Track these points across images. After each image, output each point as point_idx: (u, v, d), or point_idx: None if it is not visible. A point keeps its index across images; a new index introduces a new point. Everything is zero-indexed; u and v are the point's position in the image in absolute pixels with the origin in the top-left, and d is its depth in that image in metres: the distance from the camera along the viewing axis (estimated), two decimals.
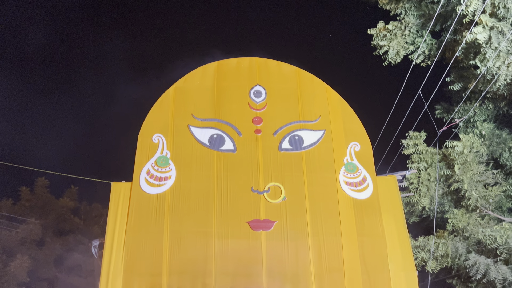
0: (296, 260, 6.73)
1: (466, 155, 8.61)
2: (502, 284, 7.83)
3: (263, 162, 7.36)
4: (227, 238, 6.80)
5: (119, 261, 6.45)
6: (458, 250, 8.37)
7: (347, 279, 6.61)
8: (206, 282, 6.47)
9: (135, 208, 6.81)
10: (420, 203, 9.19)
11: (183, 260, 6.56)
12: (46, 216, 16.65)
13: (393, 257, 6.77)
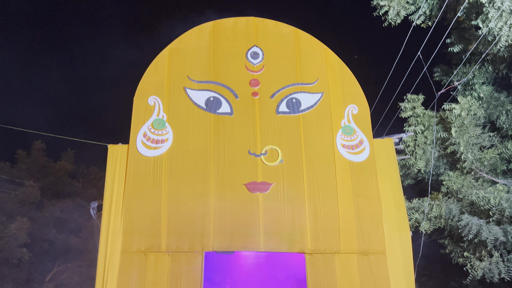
0: (292, 221, 6.84)
1: (464, 118, 8.60)
2: (493, 244, 8.03)
3: (260, 125, 7.33)
4: (224, 200, 6.87)
5: (118, 223, 6.54)
6: (451, 212, 8.52)
7: (342, 239, 6.75)
8: (205, 242, 6.59)
9: (132, 171, 6.83)
10: (416, 165, 9.28)
11: (181, 221, 6.65)
12: (44, 179, 16.75)
13: (388, 218, 6.89)
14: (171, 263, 6.41)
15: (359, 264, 6.60)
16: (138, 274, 6.28)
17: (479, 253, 8.68)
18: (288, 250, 6.79)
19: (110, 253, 6.32)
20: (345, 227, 6.82)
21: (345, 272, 6.54)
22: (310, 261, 6.63)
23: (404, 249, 6.71)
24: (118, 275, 6.24)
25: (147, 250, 6.44)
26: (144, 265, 6.34)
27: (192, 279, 6.37)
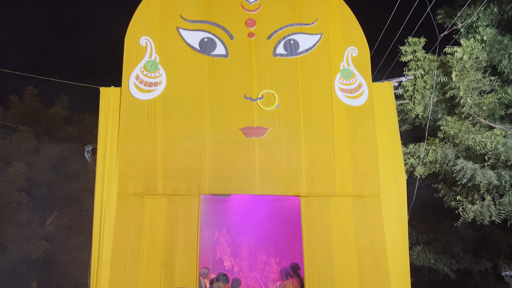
0: (288, 165, 6.84)
1: (465, 61, 8.39)
2: (486, 188, 8.14)
3: (257, 68, 7.12)
4: (220, 144, 6.82)
5: (113, 166, 6.51)
6: (447, 156, 8.55)
7: (337, 182, 6.79)
8: (201, 185, 6.62)
9: (126, 114, 6.70)
10: (414, 110, 9.18)
11: (177, 165, 6.63)
12: (38, 124, 16.57)
13: (384, 162, 6.90)
14: (168, 205, 6.47)
15: (354, 206, 6.69)
16: (135, 216, 6.35)
17: (471, 197, 8.83)
18: (283, 193, 6.85)
19: (107, 196, 6.35)
20: (341, 171, 6.84)
21: (340, 214, 6.65)
22: (305, 203, 6.71)
23: (398, 192, 6.78)
24: (116, 217, 6.31)
25: (143, 193, 6.47)
26: (141, 207, 6.40)
27: (189, 221, 6.46)
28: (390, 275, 6.36)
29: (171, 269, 6.19)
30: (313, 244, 6.50)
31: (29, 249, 13.69)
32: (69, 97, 18.35)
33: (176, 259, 6.26)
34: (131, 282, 6.02)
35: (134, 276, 6.05)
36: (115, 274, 6.04)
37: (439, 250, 12.81)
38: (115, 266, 6.10)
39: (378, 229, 6.58)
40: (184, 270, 6.24)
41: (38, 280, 16.59)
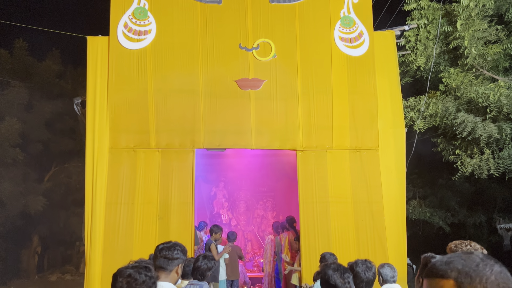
0: (285, 118, 6.65)
1: (471, 9, 7.98)
2: (486, 141, 8.00)
3: (252, 15, 6.74)
4: (214, 97, 6.59)
5: (104, 119, 6.30)
6: (447, 110, 8.35)
7: (335, 136, 6.63)
8: (195, 140, 6.45)
9: (115, 64, 6.40)
10: (416, 62, 8.86)
11: (170, 118, 6.43)
12: (30, 79, 16.15)
13: (383, 115, 6.70)
14: (162, 159, 6.33)
15: (351, 160, 6.56)
16: (128, 170, 6.22)
17: (470, 151, 8.72)
18: (279, 147, 6.70)
19: (98, 150, 6.19)
20: (339, 124, 6.66)
21: (336, 168, 6.53)
22: (302, 157, 6.58)
23: (397, 145, 6.64)
24: (108, 171, 6.19)
25: (136, 147, 6.31)
26: (133, 161, 6.26)
27: (183, 175, 6.34)
28: (386, 228, 6.34)
29: (167, 223, 6.14)
30: (309, 198, 6.43)
31: (27, 205, 13.74)
32: (60, 51, 17.82)
33: (171, 213, 6.20)
34: (125, 235, 5.98)
35: (128, 230, 6.01)
36: (109, 228, 5.99)
37: (435, 204, 12.90)
38: (109, 220, 6.04)
39: (375, 182, 6.49)
40: (180, 224, 6.19)
41: (39, 234, 16.84)
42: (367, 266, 2.86)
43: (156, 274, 1.96)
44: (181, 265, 2.74)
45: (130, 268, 1.89)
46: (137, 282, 1.82)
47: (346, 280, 2.21)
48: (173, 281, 2.72)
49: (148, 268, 1.94)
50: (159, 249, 2.69)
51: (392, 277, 4.06)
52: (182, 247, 2.74)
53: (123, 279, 1.83)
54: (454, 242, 2.92)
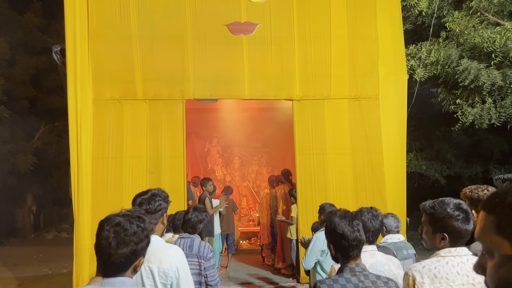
0: (280, 66, 6.24)
1: None
2: (489, 89, 7.69)
3: None
4: (204, 43, 6.13)
5: (86, 68, 5.86)
6: (450, 57, 7.95)
7: (333, 84, 6.26)
8: (184, 90, 6.06)
9: (95, 9, 5.88)
10: (418, 6, 8.34)
11: (157, 67, 6.01)
12: (11, 34, 15.34)
13: (384, 61, 6.31)
14: (150, 111, 5.96)
15: (350, 109, 6.24)
16: (114, 122, 5.87)
17: (472, 100, 8.42)
18: (275, 97, 6.34)
19: (81, 101, 5.79)
20: (337, 71, 6.27)
21: (335, 118, 6.22)
22: (298, 107, 6.24)
23: (398, 93, 6.29)
24: (93, 124, 5.83)
25: (121, 98, 5.92)
26: (120, 113, 5.89)
27: (173, 127, 6.01)
28: (385, 179, 6.13)
29: (157, 177, 5.87)
30: (305, 149, 6.15)
31: (16, 163, 13.43)
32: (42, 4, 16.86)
33: (162, 167, 5.92)
34: (114, 191, 5.71)
35: (117, 185, 5.74)
36: (97, 183, 5.72)
37: (431, 157, 12.77)
38: (96, 175, 5.75)
39: (375, 132, 6.21)
40: (171, 178, 5.93)
41: (32, 194, 16.67)
42: (373, 214, 2.60)
43: (151, 227, 1.66)
44: (165, 214, 2.46)
45: (120, 216, 1.58)
46: (127, 232, 1.52)
47: (356, 228, 1.94)
48: (160, 232, 2.46)
49: (142, 218, 1.63)
50: (138, 203, 2.38)
51: (396, 227, 3.86)
52: (162, 194, 2.44)
53: (110, 227, 1.53)
54: (469, 187, 2.66)
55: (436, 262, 1.93)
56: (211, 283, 3.50)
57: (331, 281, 1.89)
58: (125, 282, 1.55)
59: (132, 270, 1.60)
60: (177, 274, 2.25)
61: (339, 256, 1.98)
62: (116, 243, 1.52)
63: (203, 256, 3.47)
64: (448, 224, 1.92)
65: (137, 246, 1.56)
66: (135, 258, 1.57)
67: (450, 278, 1.88)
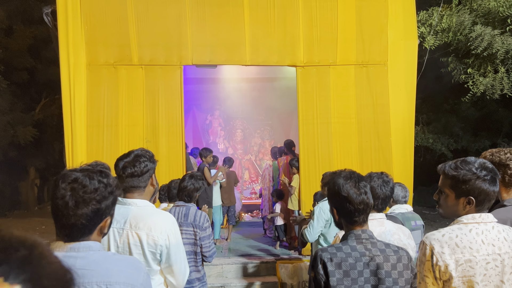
0: (283, 30, 5.91)
1: None
2: (503, 57, 7.32)
3: None
4: (202, 5, 5.80)
5: (79, 31, 5.56)
6: (463, 23, 7.54)
7: (339, 49, 5.93)
8: (182, 55, 5.76)
9: None
10: None
11: (153, 30, 5.70)
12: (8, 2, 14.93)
13: (394, 25, 5.95)
14: (146, 77, 5.69)
15: (356, 76, 5.93)
16: (109, 89, 5.61)
17: (483, 69, 8.05)
18: (277, 63, 6.03)
19: (74, 67, 5.52)
20: (344, 36, 5.93)
21: (340, 85, 5.92)
22: (302, 74, 5.93)
23: (408, 60, 5.95)
24: (87, 91, 5.58)
25: (116, 63, 5.64)
26: (115, 79, 5.62)
27: (171, 94, 5.74)
28: (392, 150, 5.88)
29: (155, 146, 5.65)
30: (309, 118, 5.89)
31: (16, 135, 13.27)
32: None
33: (159, 136, 5.69)
34: (110, 160, 5.43)
35: (113, 154, 5.49)
36: (92, 152, 5.51)
37: (439, 130, 12.46)
38: (91, 144, 5.55)
39: (383, 101, 5.92)
40: (170, 147, 5.71)
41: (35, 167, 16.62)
42: (384, 180, 2.36)
43: (116, 182, 1.41)
44: (154, 175, 2.23)
45: (78, 171, 1.35)
46: (86, 190, 1.30)
47: (363, 190, 1.70)
48: (149, 195, 2.23)
49: (105, 173, 1.38)
50: (121, 168, 2.14)
51: (404, 197, 3.63)
52: (147, 153, 2.20)
53: (66, 185, 1.29)
54: (490, 151, 2.41)
55: (458, 230, 1.69)
56: (206, 254, 3.32)
57: (334, 249, 1.66)
58: (91, 247, 1.33)
59: (99, 233, 1.38)
60: (167, 242, 2.04)
61: (344, 222, 1.75)
62: (74, 203, 1.29)
63: (199, 226, 3.27)
64: (475, 186, 1.67)
65: (100, 205, 1.33)
66: (99, 219, 1.35)
67: (474, 247, 1.64)
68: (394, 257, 1.68)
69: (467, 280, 1.63)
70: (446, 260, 1.63)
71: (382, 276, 1.63)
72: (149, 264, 2.03)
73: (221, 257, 6.03)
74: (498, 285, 1.65)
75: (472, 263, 1.63)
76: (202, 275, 3.35)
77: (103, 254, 1.35)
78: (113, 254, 1.38)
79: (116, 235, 2.04)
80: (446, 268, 1.62)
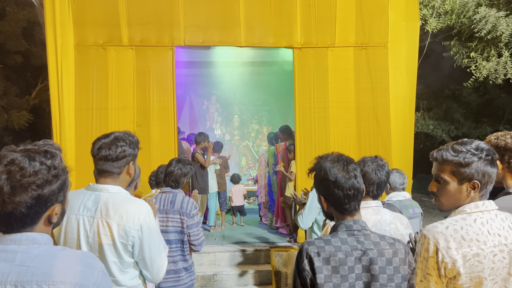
0: (279, 10, 5.67)
1: None
2: (507, 40, 7.08)
3: None
4: None
5: (66, 11, 5.31)
6: (467, 4, 7.29)
7: (338, 30, 5.70)
8: (174, 35, 5.53)
9: None
10: None
11: (143, 9, 5.45)
12: None
13: (395, 5, 5.70)
14: (136, 59, 5.47)
15: (356, 58, 5.71)
16: (98, 70, 5.39)
17: (487, 53, 7.81)
18: (273, 45, 5.79)
19: (61, 47, 5.29)
20: (343, 16, 5.69)
21: (339, 67, 5.70)
22: (299, 56, 5.71)
23: (409, 41, 5.72)
24: (75, 73, 5.36)
25: (106, 44, 5.41)
26: (104, 60, 5.40)
27: (162, 77, 5.53)
28: (392, 135, 5.69)
29: (146, 130, 5.46)
30: (306, 102, 5.68)
31: (10, 120, 13.07)
32: None
33: (150, 120, 5.49)
34: None
35: None
36: (80, 137, 5.32)
37: (439, 116, 12.27)
38: (80, 128, 5.35)
39: (383, 84, 5.70)
40: (161, 132, 5.52)
41: None
42: (378, 164, 2.17)
43: (63, 165, 1.23)
44: (132, 162, 2.05)
45: (17, 152, 1.16)
46: (25, 172, 1.11)
47: (352, 174, 1.52)
48: (124, 184, 2.05)
49: (50, 153, 1.19)
50: (96, 148, 1.96)
51: (402, 184, 3.46)
52: (128, 138, 2.01)
53: (2, 167, 1.11)
54: (495, 134, 2.23)
55: (461, 220, 1.52)
56: (194, 242, 3.16)
57: (321, 243, 1.48)
58: (35, 239, 1.15)
59: (46, 223, 1.20)
60: (140, 233, 1.86)
61: (333, 210, 1.57)
62: (9, 188, 1.11)
63: (186, 213, 3.11)
64: (479, 169, 1.50)
65: (42, 190, 1.15)
66: (42, 207, 1.17)
67: (481, 239, 1.48)
68: (390, 251, 1.50)
69: (475, 276, 1.47)
70: (453, 255, 1.46)
71: (376, 272, 1.46)
72: (121, 256, 1.86)
73: (214, 245, 5.89)
74: (505, 278, 1.50)
75: (480, 257, 1.47)
76: (189, 265, 3.19)
77: (48, 248, 1.17)
78: (62, 249, 1.20)
79: (86, 223, 1.86)
80: (454, 265, 1.46)
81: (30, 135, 14.98)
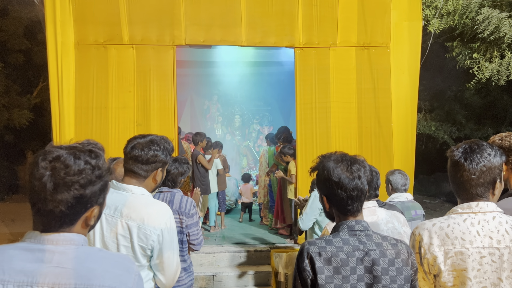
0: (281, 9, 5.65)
1: None
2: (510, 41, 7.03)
3: None
4: None
5: (67, 9, 5.29)
6: (469, 5, 7.25)
7: (340, 30, 5.66)
8: (175, 34, 5.51)
9: None
10: None
11: (144, 8, 5.43)
12: None
13: (398, 5, 5.67)
14: (137, 57, 5.45)
15: (357, 58, 5.67)
16: (99, 69, 5.37)
17: (490, 54, 7.77)
18: (275, 44, 5.76)
19: (62, 46, 5.27)
20: (345, 16, 5.66)
21: (340, 67, 5.67)
22: (301, 56, 5.68)
23: (412, 42, 5.68)
24: (75, 71, 5.34)
25: (106, 42, 5.39)
26: (104, 59, 5.38)
27: (163, 76, 5.50)
28: (393, 136, 5.65)
29: (146, 130, 5.42)
30: (307, 102, 5.65)
31: (11, 118, 13.07)
32: None
33: (150, 119, 5.47)
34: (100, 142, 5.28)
35: (103, 138, 5.30)
36: (80, 135, 5.29)
37: (441, 118, 12.21)
38: (80, 127, 5.34)
39: (385, 85, 5.67)
40: (161, 131, 5.47)
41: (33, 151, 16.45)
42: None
43: (107, 166, 1.19)
44: (161, 169, 1.98)
45: (62, 149, 1.13)
46: (69, 170, 1.08)
47: (356, 174, 1.48)
48: (148, 189, 1.97)
49: (95, 153, 1.16)
50: (130, 147, 1.91)
51: (404, 185, 3.43)
52: (164, 144, 1.95)
53: (47, 163, 1.08)
54: (499, 135, 2.20)
55: (451, 219, 1.54)
56: (194, 242, 3.12)
57: (323, 243, 1.45)
58: (73, 240, 1.11)
59: (84, 225, 1.16)
60: (160, 238, 1.83)
61: (335, 211, 1.54)
62: (52, 185, 1.07)
63: (185, 213, 3.07)
64: None
65: (84, 190, 1.11)
66: (83, 208, 1.13)
67: (467, 239, 1.49)
68: (392, 252, 1.47)
69: (457, 274, 1.48)
70: (434, 252, 1.49)
71: (378, 273, 1.42)
72: (138, 259, 1.82)
73: (214, 245, 5.85)
74: (495, 283, 1.48)
75: (464, 256, 1.47)
76: (188, 265, 3.16)
77: (86, 249, 1.13)
78: (99, 251, 1.17)
79: (103, 221, 1.82)
80: (434, 261, 1.49)
81: (31, 134, 14.98)
